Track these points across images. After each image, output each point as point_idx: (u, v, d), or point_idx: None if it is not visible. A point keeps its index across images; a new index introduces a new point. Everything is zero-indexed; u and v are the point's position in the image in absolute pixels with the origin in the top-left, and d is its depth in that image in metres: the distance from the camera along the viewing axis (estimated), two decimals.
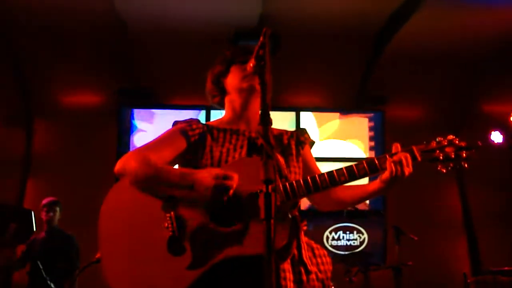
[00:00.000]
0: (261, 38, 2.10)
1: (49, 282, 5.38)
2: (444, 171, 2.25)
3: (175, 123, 2.50)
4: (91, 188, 7.63)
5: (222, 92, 2.56)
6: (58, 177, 7.92)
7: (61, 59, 7.95)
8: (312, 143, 2.63)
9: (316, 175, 2.21)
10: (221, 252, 2.12)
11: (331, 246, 7.87)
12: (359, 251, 7.77)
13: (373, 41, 8.11)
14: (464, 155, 2.25)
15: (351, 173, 2.21)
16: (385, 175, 2.22)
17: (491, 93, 8.62)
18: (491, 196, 8.40)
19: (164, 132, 2.46)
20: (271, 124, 1.96)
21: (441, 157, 2.25)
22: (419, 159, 2.24)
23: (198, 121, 2.49)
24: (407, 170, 2.20)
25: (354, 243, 7.94)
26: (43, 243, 6.06)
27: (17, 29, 7.58)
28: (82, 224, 7.12)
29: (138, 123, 8.06)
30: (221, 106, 2.61)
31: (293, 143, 2.52)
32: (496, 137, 8.29)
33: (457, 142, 2.27)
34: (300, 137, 2.56)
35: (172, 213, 2.19)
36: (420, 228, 6.88)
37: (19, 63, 7.97)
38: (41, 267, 5.34)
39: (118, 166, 2.28)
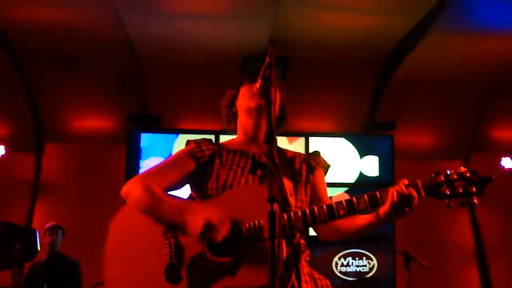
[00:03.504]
0: (267, 59, 2.08)
1: None
2: (452, 205, 2.08)
3: (188, 142, 2.50)
4: (99, 213, 7.63)
5: (235, 116, 2.53)
6: (67, 201, 7.93)
7: (72, 85, 8.02)
8: (326, 167, 2.55)
9: (315, 208, 2.15)
10: (216, 282, 2.12)
11: (340, 272, 7.78)
12: (368, 277, 7.68)
13: (382, 67, 8.12)
14: (474, 189, 2.06)
15: (351, 208, 2.13)
16: (384, 209, 2.13)
17: (501, 119, 8.59)
18: (503, 223, 8.31)
19: (174, 154, 2.48)
20: (276, 142, 1.95)
21: (447, 192, 2.07)
22: (423, 194, 2.09)
23: (210, 141, 2.47)
24: (407, 210, 2.09)
25: (363, 269, 7.85)
26: (46, 266, 6.06)
27: (28, 54, 7.66)
28: (88, 249, 7.13)
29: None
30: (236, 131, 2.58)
31: (304, 168, 2.47)
32: (507, 163, 8.24)
33: (468, 175, 2.07)
34: (311, 162, 2.50)
35: (171, 240, 2.19)
36: (430, 254, 6.81)
37: (31, 88, 8.05)
38: None
39: (123, 190, 2.31)
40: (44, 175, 8.23)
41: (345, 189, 8.05)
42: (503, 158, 8.22)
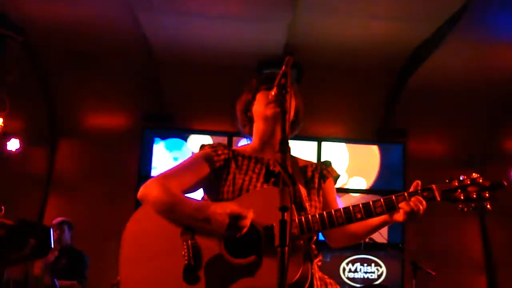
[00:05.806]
0: (283, 67, 2.12)
1: None
2: (466, 210, 2.14)
3: (202, 146, 2.53)
4: (111, 209, 7.76)
5: (250, 121, 2.56)
6: (79, 196, 8.01)
7: (88, 82, 8.10)
8: (336, 177, 2.59)
9: (333, 211, 2.18)
10: (235, 284, 2.14)
11: (348, 278, 7.77)
12: (376, 284, 7.66)
13: (396, 74, 8.12)
14: (487, 195, 2.13)
15: (368, 211, 2.17)
16: (398, 216, 2.18)
17: None
18: None
19: (189, 157, 2.50)
20: (290, 152, 1.98)
21: (462, 197, 2.14)
22: (438, 199, 2.15)
23: (224, 146, 2.50)
24: (418, 216, 2.14)
25: (371, 276, 7.83)
26: (56, 260, 6.15)
27: (46, 51, 7.75)
28: (100, 244, 7.23)
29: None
30: (252, 135, 2.60)
31: (316, 176, 2.51)
32: None
33: (481, 181, 2.15)
34: (323, 171, 2.54)
35: (189, 241, 2.21)
36: (439, 263, 6.79)
37: (47, 84, 8.13)
38: (57, 285, 5.38)
39: (140, 192, 2.33)
40: (57, 170, 8.31)
41: (357, 195, 8.08)
42: None
